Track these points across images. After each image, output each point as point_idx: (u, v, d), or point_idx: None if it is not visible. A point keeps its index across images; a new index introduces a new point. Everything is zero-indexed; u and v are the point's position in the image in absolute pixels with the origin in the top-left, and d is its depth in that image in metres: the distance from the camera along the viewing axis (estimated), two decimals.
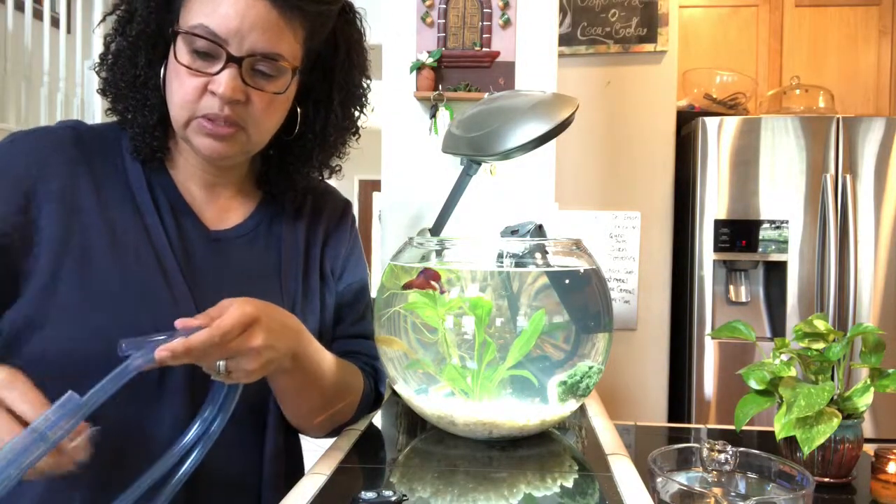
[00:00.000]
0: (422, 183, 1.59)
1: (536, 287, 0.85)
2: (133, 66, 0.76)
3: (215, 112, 0.72)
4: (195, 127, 0.74)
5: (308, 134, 0.85)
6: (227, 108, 0.72)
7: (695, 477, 0.76)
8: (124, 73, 0.76)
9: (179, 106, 0.74)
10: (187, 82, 0.72)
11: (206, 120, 0.73)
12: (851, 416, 0.91)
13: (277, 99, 0.77)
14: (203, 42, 0.70)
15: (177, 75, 0.73)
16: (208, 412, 0.68)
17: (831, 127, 2.18)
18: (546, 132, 0.95)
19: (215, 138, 0.74)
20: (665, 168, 2.38)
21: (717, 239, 2.22)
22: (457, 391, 0.81)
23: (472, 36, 1.60)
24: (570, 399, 0.83)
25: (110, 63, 0.78)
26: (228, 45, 0.70)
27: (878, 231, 2.18)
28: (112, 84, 0.78)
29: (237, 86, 0.71)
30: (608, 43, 2.36)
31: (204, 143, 0.75)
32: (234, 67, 0.71)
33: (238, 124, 0.74)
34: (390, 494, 0.62)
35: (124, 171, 0.79)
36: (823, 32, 2.68)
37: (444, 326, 0.80)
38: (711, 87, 2.52)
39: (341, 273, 0.94)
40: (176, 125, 0.76)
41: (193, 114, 0.73)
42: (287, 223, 0.88)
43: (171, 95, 0.75)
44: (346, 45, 0.85)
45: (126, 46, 0.76)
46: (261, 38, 0.71)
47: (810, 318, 0.98)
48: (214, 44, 0.70)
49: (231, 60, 0.71)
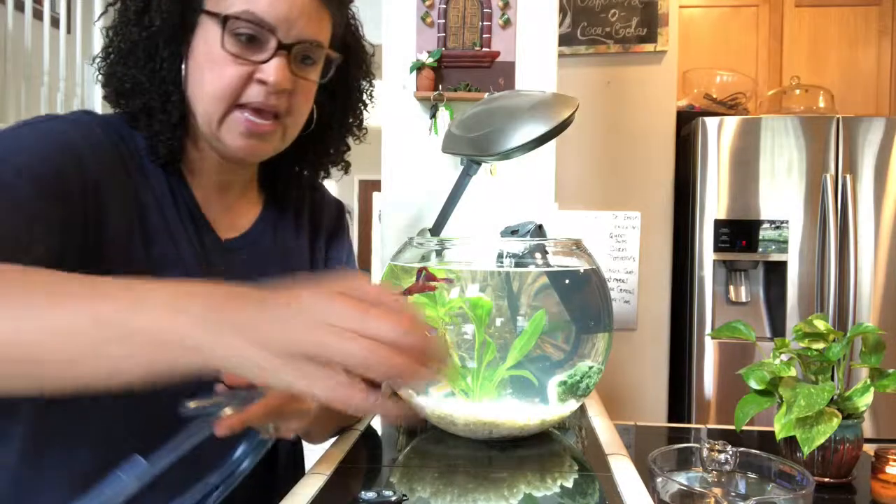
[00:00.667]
0: (422, 183, 1.59)
1: (536, 287, 0.85)
2: (151, 60, 0.70)
3: (260, 102, 0.69)
4: (234, 121, 0.70)
5: (324, 131, 0.83)
6: (272, 98, 0.69)
7: (695, 477, 0.76)
8: (141, 68, 0.70)
9: (216, 97, 0.68)
10: (228, 71, 0.67)
11: (251, 112, 0.69)
12: (851, 416, 0.91)
13: (312, 89, 0.74)
14: (248, 29, 0.67)
15: (214, 64, 0.68)
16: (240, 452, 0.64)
17: (831, 127, 2.18)
18: (546, 132, 0.95)
19: (253, 136, 0.70)
20: (665, 168, 2.38)
21: (717, 239, 2.22)
22: (457, 391, 0.81)
23: (472, 36, 1.60)
24: (570, 399, 0.83)
25: (122, 56, 0.71)
26: (278, 31, 0.67)
27: (878, 231, 2.18)
28: (127, 79, 0.70)
29: (287, 74, 0.68)
30: (608, 43, 2.36)
31: (240, 143, 0.71)
32: (283, 55, 0.68)
33: (277, 117, 0.71)
34: (390, 494, 0.62)
35: (145, 172, 0.72)
36: (823, 32, 2.68)
37: (444, 326, 0.80)
38: (711, 87, 2.52)
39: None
40: (207, 120, 0.70)
41: (232, 104, 0.69)
42: (290, 229, 0.87)
43: (201, 88, 0.69)
44: (354, 40, 0.84)
45: (144, 38, 0.69)
46: (307, 25, 0.69)
47: (810, 318, 0.98)
48: (264, 30, 0.67)
49: (281, 48, 0.68)
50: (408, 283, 0.84)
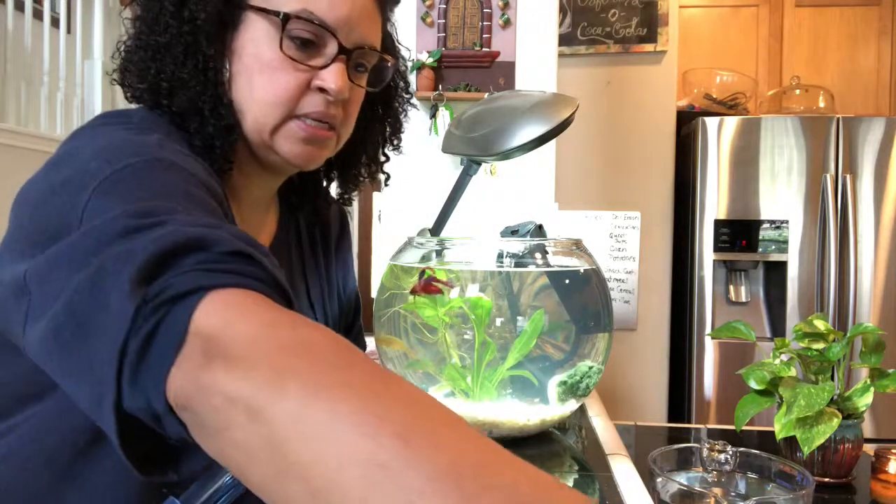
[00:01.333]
0: (422, 183, 1.59)
1: (536, 287, 0.85)
2: (192, 56, 0.61)
3: (320, 112, 0.63)
4: (291, 129, 0.63)
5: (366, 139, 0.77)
6: (332, 108, 0.63)
7: (695, 477, 0.76)
8: (181, 65, 0.61)
9: (272, 104, 0.62)
10: (284, 77, 0.61)
11: (310, 120, 0.63)
12: (851, 416, 0.91)
13: (362, 97, 0.69)
14: (308, 30, 0.60)
15: (266, 68, 0.61)
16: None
17: (831, 127, 2.18)
18: (546, 132, 0.95)
19: (311, 143, 0.64)
20: (665, 168, 2.38)
21: (717, 239, 2.22)
22: (457, 391, 0.81)
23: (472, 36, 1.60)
24: (570, 399, 0.83)
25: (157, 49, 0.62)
26: (339, 34, 0.62)
27: (878, 231, 2.18)
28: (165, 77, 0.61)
29: (347, 81, 0.63)
30: (608, 43, 2.36)
31: (297, 150, 0.64)
32: (342, 60, 0.62)
33: (332, 126, 0.65)
34: None
35: None
36: (823, 32, 2.68)
37: (443, 326, 0.80)
38: (711, 87, 2.52)
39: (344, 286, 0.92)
40: (258, 128, 0.63)
41: (290, 113, 0.62)
42: (306, 243, 0.82)
43: (251, 92, 0.62)
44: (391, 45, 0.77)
45: (185, 32, 0.61)
46: (367, 29, 0.64)
47: (810, 318, 0.98)
48: (325, 32, 0.61)
49: (342, 52, 0.62)
50: (407, 284, 0.84)
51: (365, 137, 0.76)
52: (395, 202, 1.60)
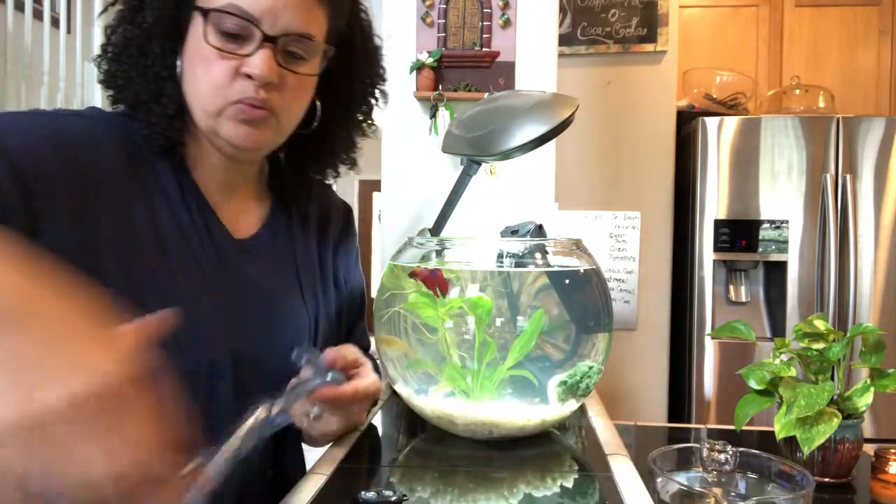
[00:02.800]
0: (422, 183, 1.59)
1: (536, 287, 0.85)
2: (143, 56, 0.71)
3: (250, 96, 0.68)
4: (230, 114, 0.70)
5: (329, 126, 0.82)
6: (261, 92, 0.69)
7: (695, 477, 0.76)
8: (135, 64, 0.71)
9: (210, 93, 0.69)
10: (217, 66, 0.68)
11: (242, 104, 0.69)
12: (851, 416, 0.91)
13: (306, 83, 0.74)
14: (234, 22, 0.67)
15: (203, 60, 0.68)
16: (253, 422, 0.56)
17: (831, 127, 2.18)
18: (546, 132, 0.95)
19: (250, 124, 0.70)
20: (665, 168, 2.37)
21: (717, 239, 2.22)
22: (457, 391, 0.81)
23: (472, 36, 1.60)
24: (570, 399, 0.83)
25: (117, 53, 0.72)
26: (262, 23, 0.67)
27: (878, 231, 2.18)
28: (120, 75, 0.72)
29: (273, 66, 0.68)
30: (608, 43, 2.36)
31: (237, 132, 0.70)
32: (268, 47, 0.68)
33: (271, 109, 0.70)
34: (390, 494, 0.62)
35: (154, 170, 0.73)
36: (823, 32, 2.68)
37: (444, 326, 0.80)
38: (711, 87, 2.52)
39: (345, 279, 0.93)
40: (204, 115, 0.71)
41: (227, 100, 0.69)
42: (299, 232, 0.86)
43: (195, 83, 0.70)
44: (361, 35, 0.82)
45: (137, 35, 0.70)
46: (294, 17, 0.68)
47: (810, 318, 0.98)
48: (248, 23, 0.67)
49: (266, 40, 0.67)
50: (408, 284, 0.84)
51: (330, 122, 0.81)
52: (395, 202, 1.60)
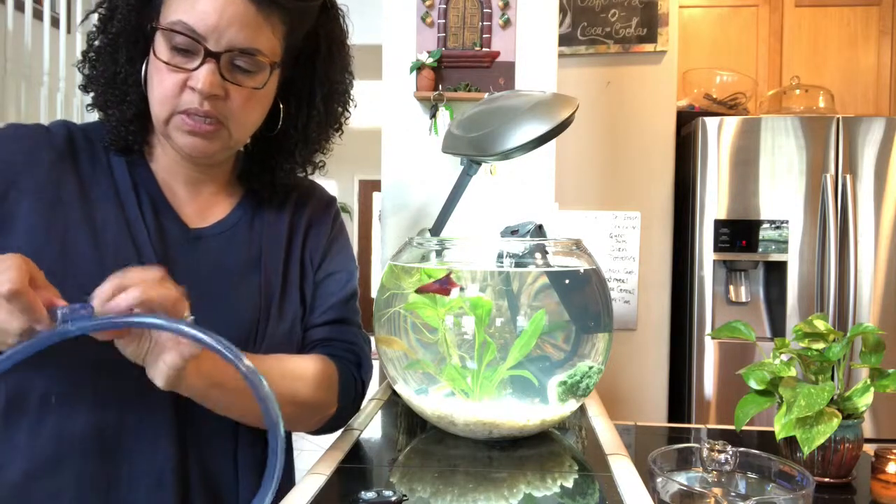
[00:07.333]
0: (422, 183, 1.59)
1: (536, 287, 0.85)
2: (113, 63, 0.77)
3: (195, 107, 0.73)
4: (176, 123, 0.75)
5: (290, 130, 0.86)
6: (206, 104, 0.73)
7: (695, 477, 0.76)
8: (105, 70, 0.78)
9: (160, 102, 0.74)
10: (167, 78, 0.73)
11: (187, 116, 0.74)
12: (851, 416, 0.91)
13: (257, 94, 0.77)
14: (182, 38, 0.71)
15: (157, 71, 0.74)
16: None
17: (831, 127, 2.18)
18: (546, 132, 0.95)
19: (197, 135, 0.75)
20: (665, 168, 2.37)
21: (717, 239, 2.22)
22: (457, 391, 0.81)
23: (472, 36, 1.60)
24: (570, 399, 0.83)
25: (92, 60, 0.79)
26: (206, 40, 0.71)
27: (878, 231, 2.18)
28: (93, 80, 0.79)
29: (215, 81, 0.72)
30: (608, 43, 2.36)
31: (185, 141, 0.75)
32: (212, 63, 0.72)
33: (219, 120, 0.75)
34: (390, 494, 0.62)
35: (109, 168, 0.80)
36: (823, 32, 2.68)
37: (444, 326, 0.80)
38: (711, 87, 2.52)
39: (321, 262, 0.91)
40: (157, 122, 0.76)
41: (174, 110, 0.74)
42: (269, 217, 0.88)
43: (151, 92, 0.75)
44: (327, 42, 0.85)
45: (107, 43, 0.77)
46: (239, 34, 0.72)
47: (810, 318, 0.98)
48: (193, 40, 0.71)
49: (209, 56, 0.71)
50: (408, 283, 0.84)
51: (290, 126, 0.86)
52: (395, 202, 1.60)
